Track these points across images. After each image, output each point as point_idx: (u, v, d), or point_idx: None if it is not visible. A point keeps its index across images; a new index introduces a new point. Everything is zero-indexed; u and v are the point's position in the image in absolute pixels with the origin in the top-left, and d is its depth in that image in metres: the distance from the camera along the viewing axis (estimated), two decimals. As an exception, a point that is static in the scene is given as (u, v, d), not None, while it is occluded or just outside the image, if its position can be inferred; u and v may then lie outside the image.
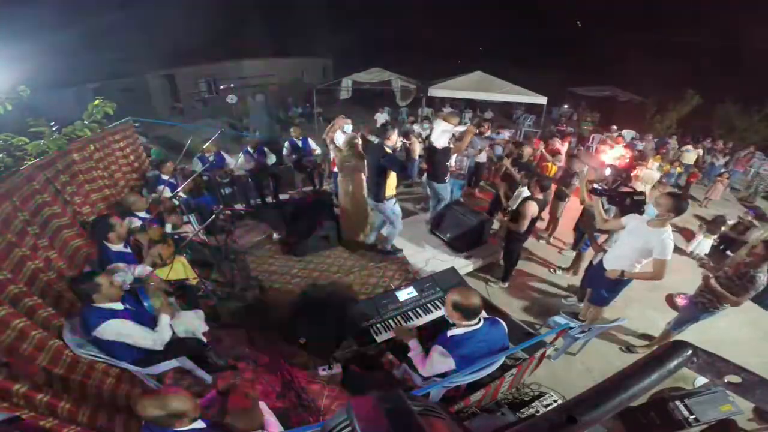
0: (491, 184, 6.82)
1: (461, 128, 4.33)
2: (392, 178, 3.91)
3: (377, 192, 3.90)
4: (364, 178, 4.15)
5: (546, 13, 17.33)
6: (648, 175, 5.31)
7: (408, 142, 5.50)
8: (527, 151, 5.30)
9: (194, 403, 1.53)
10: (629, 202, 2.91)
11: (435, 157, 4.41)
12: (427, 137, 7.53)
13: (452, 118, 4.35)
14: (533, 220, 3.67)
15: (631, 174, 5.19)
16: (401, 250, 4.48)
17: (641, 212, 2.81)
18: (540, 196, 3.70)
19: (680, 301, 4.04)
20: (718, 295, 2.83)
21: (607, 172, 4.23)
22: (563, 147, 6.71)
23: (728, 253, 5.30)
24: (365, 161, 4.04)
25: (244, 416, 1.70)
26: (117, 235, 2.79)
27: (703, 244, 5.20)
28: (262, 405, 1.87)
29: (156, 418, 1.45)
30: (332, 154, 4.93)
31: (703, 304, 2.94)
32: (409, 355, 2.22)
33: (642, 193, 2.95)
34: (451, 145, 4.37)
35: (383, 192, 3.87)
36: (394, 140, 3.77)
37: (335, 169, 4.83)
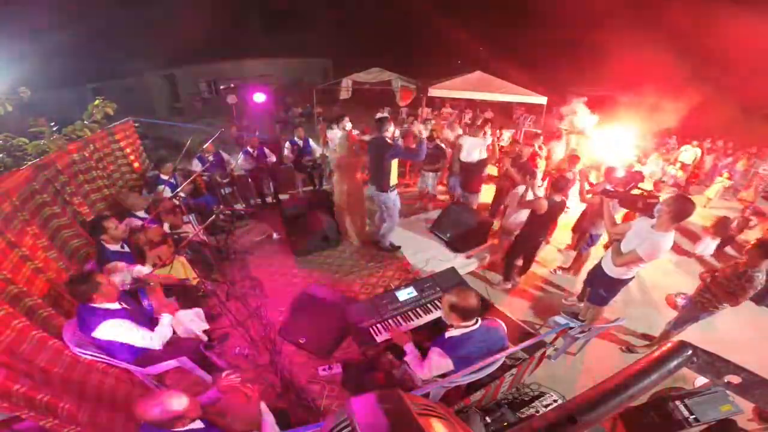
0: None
1: (489, 140, 4.73)
2: (395, 169, 3.97)
3: (381, 183, 3.94)
4: (360, 176, 4.18)
5: (546, 13, 17.33)
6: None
7: (409, 127, 5.82)
8: (526, 150, 5.30)
9: (194, 404, 1.52)
10: (642, 205, 2.84)
11: (473, 171, 4.88)
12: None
13: (478, 132, 4.85)
14: (545, 222, 3.65)
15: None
16: (399, 247, 4.51)
17: (653, 215, 2.70)
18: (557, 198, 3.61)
19: (680, 301, 4.04)
20: (716, 294, 2.83)
21: (620, 173, 4.15)
22: (558, 146, 6.74)
23: (726, 250, 5.31)
24: (364, 158, 4.08)
25: (243, 417, 1.70)
26: (110, 236, 2.80)
27: (710, 246, 5.19)
28: (262, 405, 1.87)
29: (157, 421, 1.43)
30: (329, 155, 5.02)
31: (703, 304, 2.94)
32: (405, 359, 2.22)
33: (656, 196, 2.86)
34: (485, 156, 4.76)
35: (387, 182, 3.92)
36: (392, 132, 3.87)
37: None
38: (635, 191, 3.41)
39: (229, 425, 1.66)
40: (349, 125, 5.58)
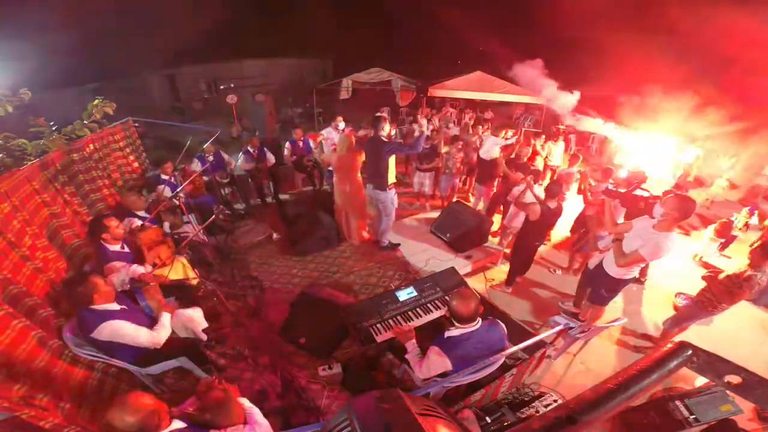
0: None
1: (511, 141, 4.94)
2: (392, 167, 3.99)
3: (380, 182, 3.96)
4: (360, 177, 4.19)
5: (546, 13, 17.32)
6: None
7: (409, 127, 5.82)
8: (524, 151, 5.31)
9: (157, 400, 1.49)
10: (643, 206, 2.83)
11: (488, 167, 5.02)
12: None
13: (500, 132, 4.97)
14: (540, 228, 3.65)
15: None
16: (398, 244, 4.51)
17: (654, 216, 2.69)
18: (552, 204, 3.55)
19: (680, 301, 4.04)
20: (716, 294, 2.83)
21: (624, 174, 4.13)
22: (556, 147, 6.77)
23: (728, 250, 5.30)
24: (363, 157, 4.09)
25: (221, 410, 1.66)
26: (112, 236, 2.79)
27: (712, 247, 5.16)
28: (244, 400, 1.84)
29: (136, 425, 1.37)
30: (325, 154, 5.05)
31: (703, 303, 2.94)
32: (406, 357, 2.23)
33: (658, 197, 2.86)
34: (500, 155, 4.90)
35: (386, 181, 3.95)
36: (388, 130, 3.91)
37: (330, 168, 4.93)
38: (639, 192, 3.41)
39: (213, 421, 1.64)
40: (342, 124, 5.60)
